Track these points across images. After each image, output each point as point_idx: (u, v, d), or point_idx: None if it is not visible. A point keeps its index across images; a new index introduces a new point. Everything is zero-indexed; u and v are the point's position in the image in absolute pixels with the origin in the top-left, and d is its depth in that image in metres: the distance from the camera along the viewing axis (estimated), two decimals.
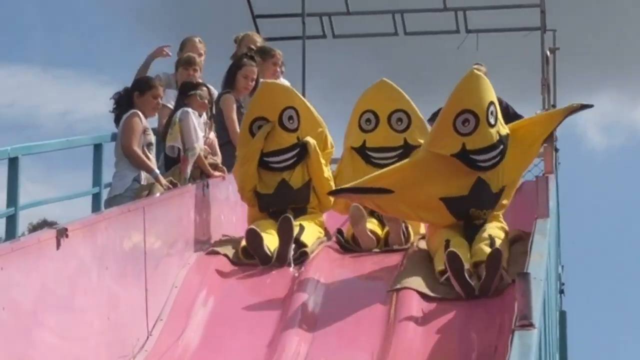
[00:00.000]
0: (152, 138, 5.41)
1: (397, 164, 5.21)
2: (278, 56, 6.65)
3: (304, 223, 5.24)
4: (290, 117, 5.36)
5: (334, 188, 5.26)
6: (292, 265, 4.90)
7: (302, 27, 8.36)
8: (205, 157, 5.68)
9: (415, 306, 4.38)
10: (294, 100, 5.49)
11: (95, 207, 5.41)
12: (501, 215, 5.13)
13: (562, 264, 6.60)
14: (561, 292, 6.49)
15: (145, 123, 5.37)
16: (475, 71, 5.23)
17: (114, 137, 5.50)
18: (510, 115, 6.71)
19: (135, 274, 4.19)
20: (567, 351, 6.85)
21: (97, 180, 5.63)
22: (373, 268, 5.10)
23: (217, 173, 5.71)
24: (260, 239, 4.84)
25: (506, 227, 5.08)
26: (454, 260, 4.35)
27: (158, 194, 5.05)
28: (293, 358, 3.93)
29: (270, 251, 4.84)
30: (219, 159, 5.93)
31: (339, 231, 5.39)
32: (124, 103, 5.36)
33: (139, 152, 5.21)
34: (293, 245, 4.97)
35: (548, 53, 7.64)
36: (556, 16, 8.18)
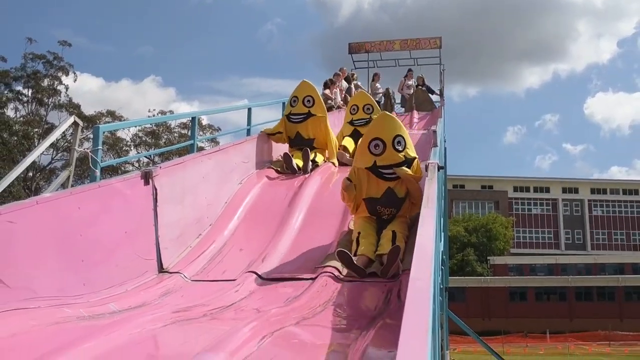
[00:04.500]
0: None
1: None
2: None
3: (317, 153, 9.20)
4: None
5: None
6: (309, 173, 8.53)
7: None
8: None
9: (331, 283, 5.04)
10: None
11: None
12: (407, 216, 5.93)
13: None
14: None
15: None
16: (385, 112, 6.26)
17: None
18: (428, 89, 19.06)
19: None
20: None
21: None
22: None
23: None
24: (290, 159, 8.65)
25: (408, 222, 5.89)
26: (343, 255, 5.20)
27: None
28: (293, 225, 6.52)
29: (298, 166, 8.66)
30: None
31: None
32: None
33: None
34: (310, 164, 8.71)
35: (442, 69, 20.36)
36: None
